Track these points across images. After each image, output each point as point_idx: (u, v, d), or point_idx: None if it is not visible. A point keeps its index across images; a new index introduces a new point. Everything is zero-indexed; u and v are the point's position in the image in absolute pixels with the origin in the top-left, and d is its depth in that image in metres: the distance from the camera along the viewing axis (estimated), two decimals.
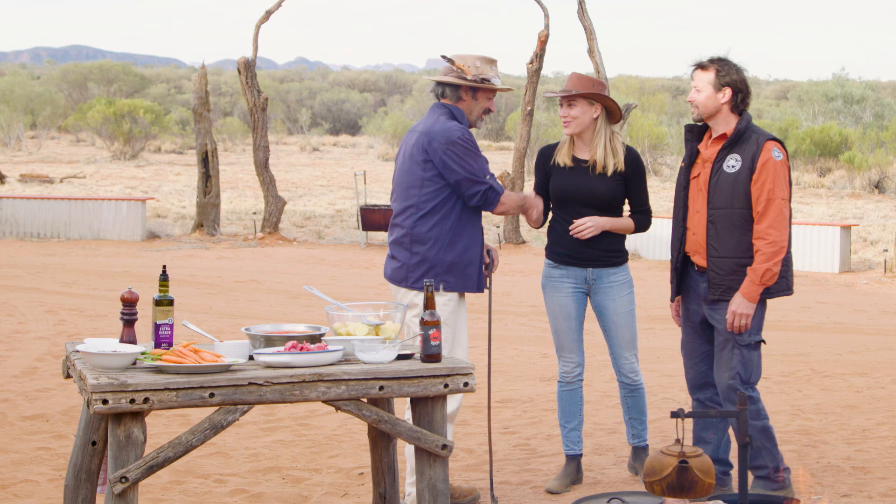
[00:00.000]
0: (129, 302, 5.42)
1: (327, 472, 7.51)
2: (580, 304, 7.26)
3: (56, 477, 7.19)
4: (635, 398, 7.38)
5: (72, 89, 65.03)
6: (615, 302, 7.21)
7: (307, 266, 19.63)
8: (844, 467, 7.69)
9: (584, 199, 7.11)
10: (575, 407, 7.35)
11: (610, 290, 7.20)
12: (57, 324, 13.01)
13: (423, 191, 6.69)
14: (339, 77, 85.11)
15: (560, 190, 7.18)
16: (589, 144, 7.17)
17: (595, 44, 22.64)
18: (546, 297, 7.35)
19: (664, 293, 13.87)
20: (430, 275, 6.69)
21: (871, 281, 18.80)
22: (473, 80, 6.75)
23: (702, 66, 6.74)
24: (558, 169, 7.20)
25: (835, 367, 11.30)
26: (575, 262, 7.19)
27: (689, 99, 6.78)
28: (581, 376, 7.34)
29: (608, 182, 7.11)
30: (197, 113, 23.84)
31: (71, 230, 22.87)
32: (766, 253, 6.51)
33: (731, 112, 6.72)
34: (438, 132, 6.64)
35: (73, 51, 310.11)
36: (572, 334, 7.26)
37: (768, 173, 6.53)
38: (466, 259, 6.77)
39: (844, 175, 36.89)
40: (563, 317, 7.25)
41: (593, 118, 7.12)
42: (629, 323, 7.26)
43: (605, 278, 7.20)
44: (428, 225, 6.69)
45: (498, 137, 59.30)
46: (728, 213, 6.60)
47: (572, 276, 7.21)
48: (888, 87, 68.21)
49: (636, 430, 7.44)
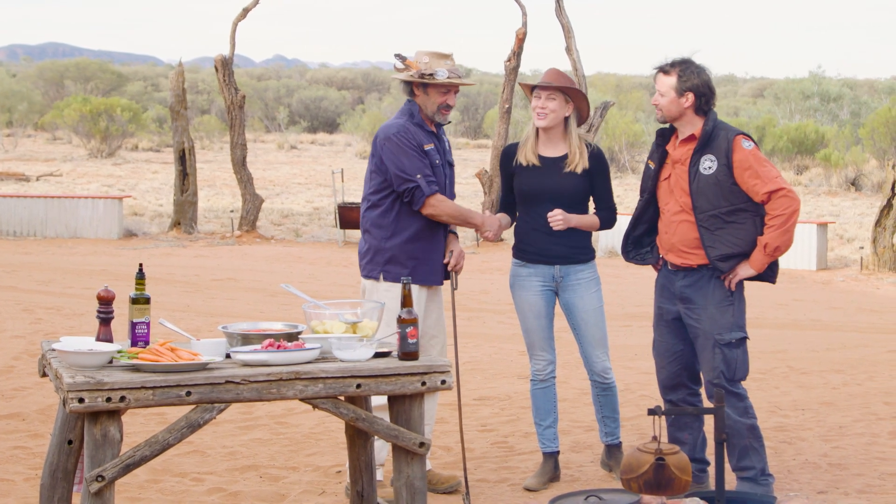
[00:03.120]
0: (106, 300, 5.41)
1: (305, 471, 7.50)
2: (549, 301, 7.26)
3: (32, 476, 7.16)
4: (607, 396, 7.37)
5: (48, 87, 64.74)
6: (583, 299, 7.21)
7: (285, 264, 19.60)
8: (821, 464, 7.71)
9: (550, 197, 7.12)
10: (549, 405, 7.35)
11: (578, 287, 7.21)
12: (33, 322, 12.97)
13: (371, 183, 7.02)
14: (316, 75, 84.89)
15: (526, 188, 7.19)
16: (555, 141, 7.19)
17: (573, 41, 22.68)
18: (515, 297, 7.35)
19: (641, 291, 13.88)
20: (373, 263, 6.95)
21: (848, 278, 18.88)
22: (414, 75, 6.90)
23: (664, 70, 6.76)
24: (522, 168, 7.21)
25: (811, 364, 11.34)
26: (542, 259, 7.19)
27: (654, 102, 6.81)
28: (553, 374, 7.35)
29: (574, 179, 7.13)
30: (174, 111, 23.78)
31: (47, 228, 22.79)
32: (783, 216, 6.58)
33: (696, 114, 6.75)
34: (382, 128, 6.96)
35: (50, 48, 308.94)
36: (542, 332, 7.27)
37: (750, 164, 6.60)
38: (410, 251, 6.90)
39: (821, 173, 37.01)
40: (532, 315, 7.25)
41: (565, 116, 7.16)
42: (598, 320, 7.25)
43: (573, 275, 7.20)
44: (373, 215, 6.98)
45: (476, 135, 59.30)
46: (716, 214, 6.64)
47: (540, 274, 7.21)
48: (864, 85, 68.38)
49: (609, 427, 7.43)
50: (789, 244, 6.64)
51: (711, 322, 6.71)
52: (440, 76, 6.90)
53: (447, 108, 7.00)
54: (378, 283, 6.96)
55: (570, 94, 7.15)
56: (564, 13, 22.73)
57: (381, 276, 6.95)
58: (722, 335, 6.70)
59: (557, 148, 7.20)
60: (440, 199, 6.88)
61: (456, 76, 6.97)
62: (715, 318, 6.71)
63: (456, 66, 7.02)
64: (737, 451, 6.77)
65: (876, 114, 39.38)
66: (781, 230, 6.58)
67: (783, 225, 6.58)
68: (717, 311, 6.71)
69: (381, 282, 6.95)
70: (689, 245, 6.75)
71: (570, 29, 22.76)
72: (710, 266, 6.71)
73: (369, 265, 7.00)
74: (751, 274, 6.70)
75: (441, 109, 6.99)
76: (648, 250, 7.04)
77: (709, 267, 6.72)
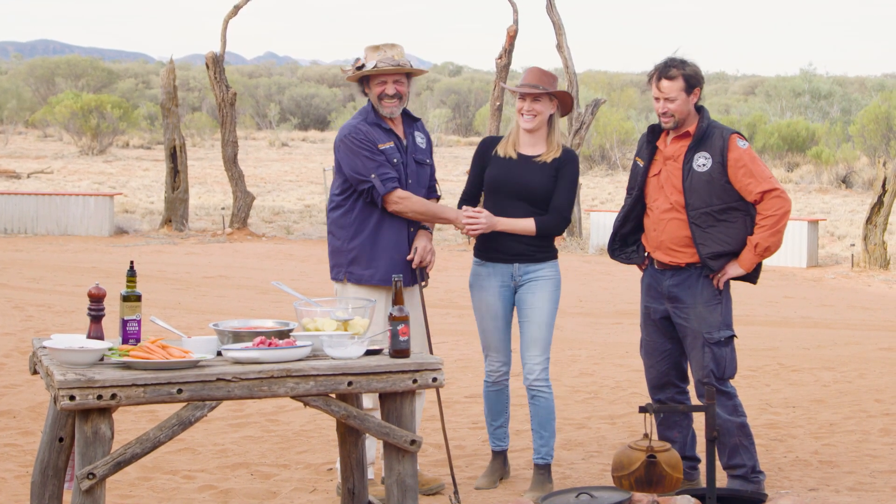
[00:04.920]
0: (97, 298, 5.39)
1: (296, 468, 7.49)
2: (507, 302, 7.09)
3: (23, 473, 7.15)
4: (536, 406, 7.04)
5: (39, 84, 64.60)
6: (534, 295, 6.99)
7: (276, 261, 19.60)
8: (812, 461, 7.72)
9: (516, 191, 6.97)
10: (500, 406, 7.21)
11: (533, 284, 7.01)
12: (24, 320, 12.95)
13: (334, 183, 6.99)
14: (307, 72, 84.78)
15: (493, 180, 7.05)
16: (538, 139, 7.07)
17: (564, 39, 22.70)
18: (473, 297, 7.18)
19: (632, 288, 13.87)
20: (338, 266, 6.93)
21: (839, 276, 18.91)
22: (348, 72, 6.85)
23: (668, 76, 6.71)
24: (497, 159, 7.08)
25: (802, 361, 11.36)
26: (501, 257, 7.03)
27: (664, 110, 6.70)
28: (506, 376, 7.18)
29: (543, 175, 6.97)
30: (165, 108, 23.76)
31: (38, 226, 22.76)
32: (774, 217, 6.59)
33: (693, 109, 6.77)
34: (339, 130, 6.93)
35: (41, 45, 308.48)
36: (498, 334, 7.12)
37: (744, 163, 6.62)
38: (372, 251, 6.83)
39: (812, 170, 37.07)
40: (489, 316, 7.11)
41: (550, 113, 7.09)
42: (542, 320, 6.99)
43: (531, 273, 7.02)
44: (336, 215, 6.95)
45: (467, 132, 59.31)
46: (708, 212, 6.64)
47: (499, 274, 7.05)
48: (855, 83, 68.52)
49: (536, 443, 7.06)
50: (779, 245, 6.66)
51: (700, 321, 6.72)
52: (368, 67, 6.76)
53: (389, 99, 6.80)
54: (344, 285, 6.91)
55: (555, 94, 7.07)
56: (556, 10, 22.75)
57: (346, 278, 6.89)
58: (711, 334, 6.70)
59: (537, 146, 7.08)
60: (402, 195, 6.77)
61: (389, 64, 6.75)
62: (703, 317, 6.72)
63: (397, 57, 6.79)
64: (727, 449, 6.78)
65: (866, 111, 39.44)
66: (772, 231, 6.59)
67: (774, 226, 6.59)
68: (705, 309, 6.72)
69: (347, 284, 6.89)
70: (677, 243, 6.74)
71: (562, 26, 22.78)
72: (698, 265, 6.71)
73: (335, 268, 6.96)
74: (739, 273, 6.71)
75: (382, 101, 6.82)
76: (634, 249, 7.02)
77: (697, 266, 6.72)
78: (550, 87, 7.01)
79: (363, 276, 6.83)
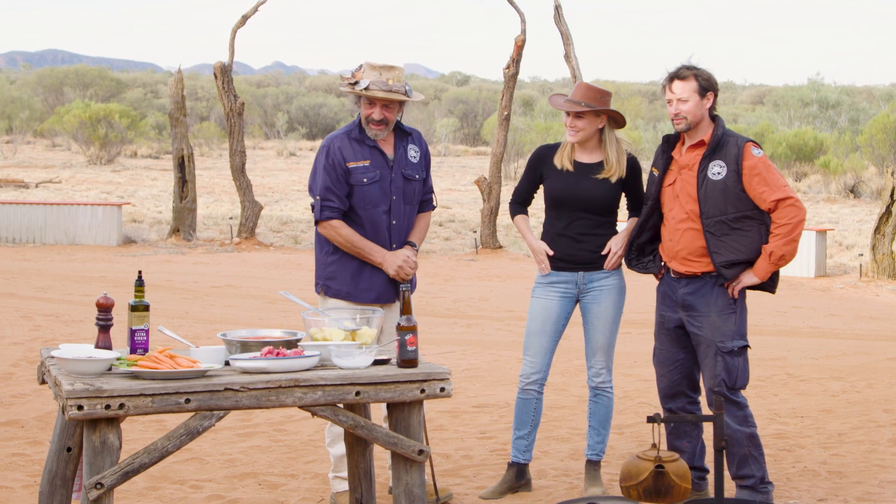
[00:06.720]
0: (105, 307, 5.40)
1: (304, 478, 7.49)
2: (563, 310, 7.14)
3: (31, 483, 7.15)
4: (597, 404, 7.20)
5: (48, 94, 64.73)
6: (599, 304, 7.09)
7: (284, 271, 19.59)
8: (820, 471, 7.71)
9: (581, 204, 7.02)
10: (526, 415, 7.22)
11: (598, 293, 7.09)
12: (32, 329, 12.96)
13: None
14: (315, 82, 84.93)
15: (557, 193, 7.07)
16: (591, 149, 7.09)
17: (571, 49, 22.70)
18: (531, 301, 7.23)
19: (641, 297, 13.87)
20: (318, 278, 6.88)
21: (847, 285, 18.88)
22: (342, 84, 6.75)
23: (680, 77, 6.73)
24: (555, 171, 7.09)
25: (811, 371, 11.34)
26: (566, 266, 7.08)
27: (675, 112, 6.71)
28: (536, 385, 7.18)
29: (606, 186, 7.03)
30: (173, 118, 23.78)
31: (46, 235, 22.77)
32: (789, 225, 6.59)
33: (709, 117, 6.76)
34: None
35: (49, 55, 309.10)
36: (543, 337, 7.14)
37: (759, 171, 6.63)
38: (349, 266, 6.76)
39: (820, 180, 37.00)
40: (540, 319, 7.13)
41: (598, 128, 7.06)
42: (606, 328, 7.13)
43: (596, 282, 7.09)
44: (318, 228, 6.86)
45: (475, 142, 59.32)
46: (722, 220, 6.63)
47: (562, 281, 7.11)
48: (863, 92, 68.47)
49: (592, 440, 7.21)
50: (794, 253, 6.65)
51: (713, 329, 6.71)
52: (359, 86, 6.62)
53: (375, 123, 6.67)
54: (324, 299, 6.87)
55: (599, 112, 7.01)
56: (563, 20, 22.75)
57: (323, 292, 6.86)
58: (724, 343, 6.70)
59: (593, 155, 7.10)
60: (334, 225, 6.67)
61: (381, 89, 6.60)
62: (717, 326, 6.71)
63: (392, 81, 6.62)
64: (736, 459, 6.77)
65: (874, 121, 39.36)
66: (787, 239, 6.58)
67: (789, 234, 6.58)
68: (719, 318, 6.71)
69: (324, 297, 6.86)
70: (693, 253, 6.74)
71: (569, 36, 22.77)
72: (713, 273, 6.71)
73: (316, 280, 6.92)
74: (754, 282, 6.70)
75: (369, 123, 6.70)
76: (651, 259, 7.02)
77: (712, 274, 6.72)
78: (596, 104, 6.97)
79: (339, 291, 6.79)
